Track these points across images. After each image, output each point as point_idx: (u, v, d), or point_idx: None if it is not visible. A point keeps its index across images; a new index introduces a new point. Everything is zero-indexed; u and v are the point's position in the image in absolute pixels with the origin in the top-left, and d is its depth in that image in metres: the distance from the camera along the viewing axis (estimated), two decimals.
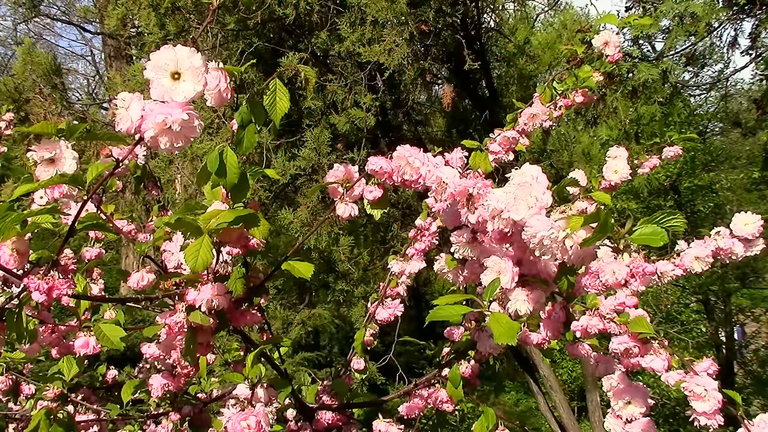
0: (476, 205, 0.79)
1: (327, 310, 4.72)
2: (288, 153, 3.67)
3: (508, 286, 0.80)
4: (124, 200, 3.96)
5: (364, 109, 3.44)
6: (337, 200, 0.99)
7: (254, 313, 1.05)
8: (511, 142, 1.42)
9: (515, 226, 0.73)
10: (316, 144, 3.49)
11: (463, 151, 0.97)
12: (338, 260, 3.84)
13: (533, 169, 0.72)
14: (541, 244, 0.69)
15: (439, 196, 0.83)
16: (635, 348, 0.91)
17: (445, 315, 0.77)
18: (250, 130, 0.83)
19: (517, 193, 0.70)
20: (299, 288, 4.91)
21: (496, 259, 0.82)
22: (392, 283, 1.54)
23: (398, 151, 0.86)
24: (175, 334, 0.92)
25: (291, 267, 0.97)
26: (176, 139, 0.68)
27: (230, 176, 0.82)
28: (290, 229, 3.47)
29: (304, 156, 3.49)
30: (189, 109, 0.68)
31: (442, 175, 0.82)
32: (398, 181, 0.87)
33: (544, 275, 0.82)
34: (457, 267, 0.95)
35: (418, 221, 1.49)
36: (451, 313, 0.76)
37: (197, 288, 0.91)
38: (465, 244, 0.90)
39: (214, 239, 0.89)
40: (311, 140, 3.50)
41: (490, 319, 0.73)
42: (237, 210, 0.89)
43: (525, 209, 0.70)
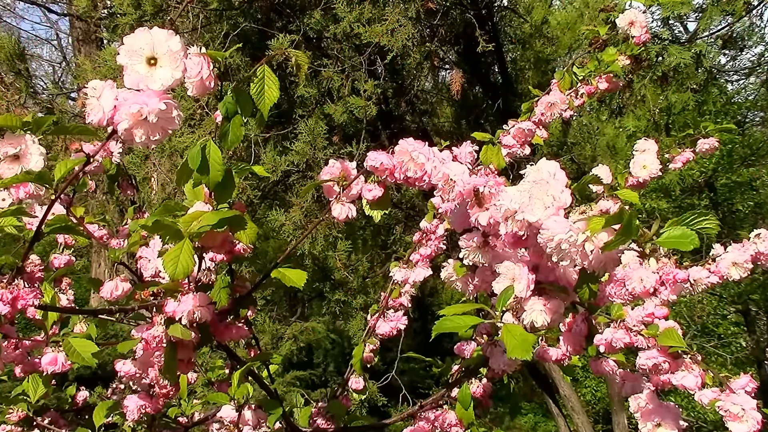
0: (487, 206, 0.80)
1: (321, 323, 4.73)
2: (278, 147, 3.68)
3: (524, 294, 0.80)
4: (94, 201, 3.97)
5: (364, 98, 3.44)
6: (332, 200, 0.99)
7: (241, 327, 1.06)
8: (526, 134, 1.43)
9: (531, 229, 0.73)
10: (309, 137, 3.50)
11: (473, 144, 0.98)
12: (334, 267, 3.85)
13: (550, 164, 0.72)
14: (559, 248, 0.69)
15: (447, 196, 0.83)
16: (665, 363, 0.91)
17: (453, 326, 0.77)
18: (236, 122, 0.83)
19: (533, 192, 0.71)
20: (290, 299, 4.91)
21: (510, 265, 0.82)
22: (395, 292, 1.54)
23: (401, 145, 0.86)
24: (152, 349, 0.92)
25: (282, 275, 0.97)
26: (153, 131, 0.68)
27: (214, 174, 0.83)
28: (281, 232, 3.48)
29: (296, 150, 3.50)
30: (167, 98, 0.68)
31: (449, 172, 0.82)
32: (401, 178, 0.88)
33: (563, 283, 0.83)
34: (466, 274, 0.96)
35: (423, 224, 1.50)
36: (460, 324, 0.77)
37: (177, 298, 0.91)
38: (475, 248, 0.90)
39: (195, 244, 0.89)
40: (304, 133, 3.51)
41: (503, 331, 0.73)
42: (221, 211, 0.89)
43: (541, 210, 0.70)
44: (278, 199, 3.95)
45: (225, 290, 1.08)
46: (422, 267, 1.51)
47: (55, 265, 1.27)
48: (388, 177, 0.90)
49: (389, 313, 1.52)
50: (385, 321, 1.50)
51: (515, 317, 0.85)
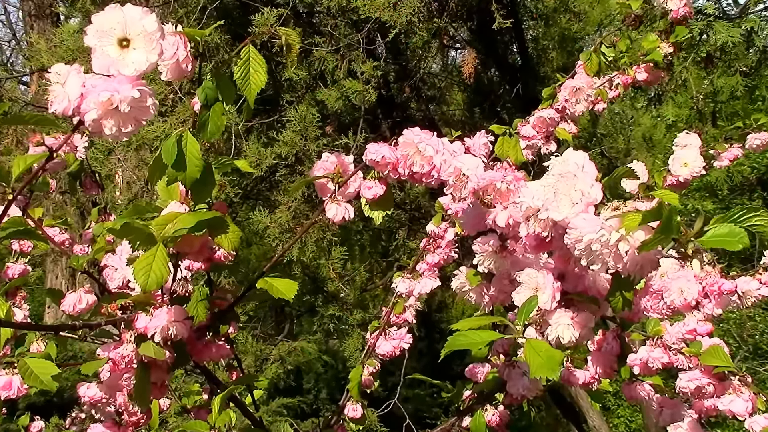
0: (506, 204, 0.81)
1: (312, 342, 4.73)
2: (263, 138, 3.70)
3: (548, 306, 0.81)
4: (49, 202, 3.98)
5: (361, 82, 3.46)
6: (326, 199, 1.01)
7: (221, 345, 1.07)
8: (548, 123, 1.44)
9: (556, 229, 0.74)
10: (299, 126, 3.51)
11: (488, 135, 0.99)
12: (327, 278, 3.86)
13: (578, 155, 0.73)
14: (589, 250, 0.70)
15: (458, 194, 0.84)
16: (710, 386, 0.92)
17: (467, 342, 0.78)
18: (217, 110, 0.84)
19: (558, 187, 0.72)
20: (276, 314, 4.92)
21: (532, 273, 0.83)
22: (398, 307, 1.55)
23: (405, 136, 0.87)
24: (121, 371, 0.93)
25: (269, 285, 0.98)
26: (125, 122, 0.69)
27: (191, 169, 0.84)
28: (265, 236, 3.50)
29: (283, 142, 3.51)
30: (141, 84, 0.69)
31: (461, 166, 0.83)
32: (405, 174, 0.89)
33: (593, 292, 0.84)
34: (481, 284, 0.97)
35: (430, 227, 1.51)
36: (475, 339, 0.77)
37: (149, 312, 0.92)
38: (491, 253, 0.91)
39: (170, 250, 0.90)
40: (293, 121, 3.52)
41: (526, 348, 0.74)
42: (199, 213, 0.90)
43: (568, 206, 0.71)
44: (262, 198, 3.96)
45: (203, 303, 1.09)
46: (429, 277, 1.52)
47: (9, 275, 1.28)
48: (391, 173, 0.91)
49: (391, 330, 1.53)
50: (386, 339, 1.51)
51: (538, 332, 0.86)
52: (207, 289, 1.12)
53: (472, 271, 0.98)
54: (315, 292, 4.07)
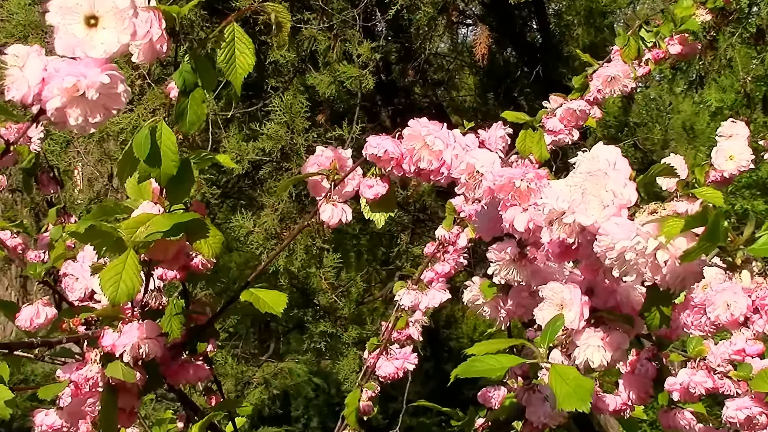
0: (526, 206, 0.81)
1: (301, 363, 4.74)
2: (244, 130, 3.70)
3: (575, 325, 0.82)
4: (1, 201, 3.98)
5: (358, 65, 3.47)
6: (320, 200, 1.01)
7: (199, 366, 1.07)
8: (578, 116, 1.44)
9: (583, 235, 0.75)
10: (286, 116, 3.52)
11: (505, 127, 0.99)
12: (319, 289, 3.87)
13: (609, 151, 0.74)
14: (622, 260, 0.70)
15: (471, 194, 0.85)
16: (762, 416, 0.92)
17: (486, 369, 0.78)
18: (196, 97, 0.85)
19: (587, 187, 0.72)
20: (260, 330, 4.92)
21: (557, 287, 0.83)
22: (400, 322, 1.56)
23: (411, 127, 0.88)
24: (85, 395, 0.94)
25: (254, 297, 0.99)
26: (92, 111, 0.70)
27: (167, 165, 0.84)
28: (248, 242, 3.50)
29: (268, 134, 3.52)
30: (111, 68, 0.70)
31: (475, 162, 0.84)
32: (411, 171, 0.90)
33: (626, 309, 0.84)
34: (496, 296, 0.97)
35: (438, 231, 1.51)
36: (492, 366, 0.78)
37: (118, 328, 0.93)
38: (509, 262, 0.92)
39: (142, 257, 0.91)
40: (279, 110, 3.53)
41: (551, 375, 0.74)
42: (176, 214, 0.91)
43: (597, 209, 0.71)
44: (244, 198, 3.97)
45: (178, 318, 1.10)
46: (437, 288, 1.53)
47: None
48: (394, 169, 0.91)
49: (393, 349, 1.54)
50: (387, 359, 1.51)
51: (564, 355, 0.87)
52: (182, 302, 1.12)
53: (486, 282, 0.98)
54: (304, 306, 4.08)
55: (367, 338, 1.65)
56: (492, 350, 0.80)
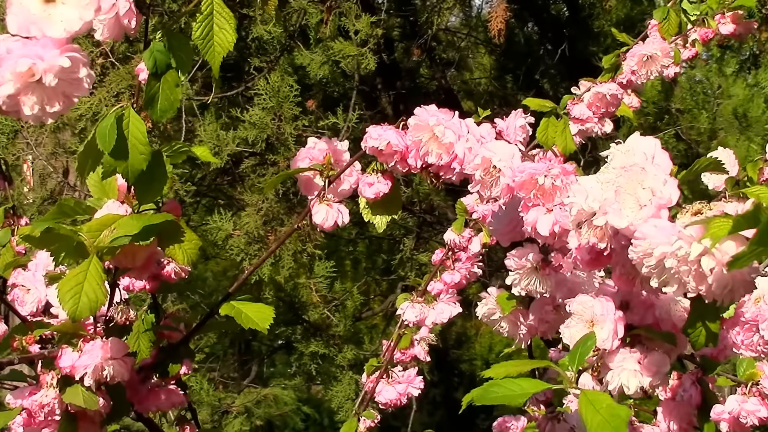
0: (550, 206, 0.82)
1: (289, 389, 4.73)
2: (223, 117, 3.71)
3: (608, 345, 0.82)
4: None
5: (355, 42, 3.47)
6: (313, 199, 1.01)
7: (172, 390, 1.08)
8: (609, 102, 1.45)
9: (617, 239, 0.75)
10: (271, 102, 3.53)
11: (526, 115, 1.00)
12: (309, 303, 3.87)
13: (646, 142, 0.74)
14: (662, 267, 0.70)
15: (487, 192, 0.85)
16: None
17: (503, 396, 0.78)
18: (169, 80, 0.85)
19: (621, 184, 0.72)
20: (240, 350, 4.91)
21: (587, 300, 0.84)
22: (404, 340, 1.56)
23: (418, 116, 0.88)
24: (39, 425, 0.93)
25: (236, 311, 0.99)
26: (50, 99, 0.70)
27: (135, 158, 0.85)
28: (227, 248, 3.50)
29: (250, 122, 3.52)
30: (72, 50, 0.70)
31: (491, 156, 0.84)
32: (418, 166, 0.90)
33: (666, 326, 0.84)
34: (516, 310, 0.98)
35: (448, 235, 1.52)
36: (513, 391, 0.77)
37: (78, 347, 0.93)
38: (530, 271, 0.92)
39: (107, 264, 0.91)
40: (264, 95, 3.53)
41: (581, 402, 0.74)
42: (146, 215, 0.91)
43: (633, 209, 0.71)
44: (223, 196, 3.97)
45: (148, 335, 1.10)
46: (446, 301, 1.53)
47: None
48: (399, 164, 0.92)
49: (395, 371, 1.54)
50: (389, 383, 1.52)
51: (596, 379, 0.87)
52: (152, 317, 1.12)
53: (504, 294, 0.99)
54: (292, 322, 4.08)
55: (365, 360, 1.65)
56: (512, 373, 0.80)
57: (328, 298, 3.95)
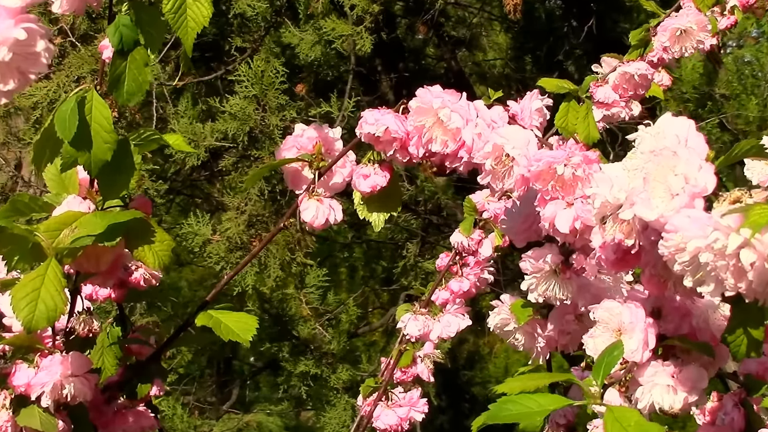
0: (571, 199, 0.82)
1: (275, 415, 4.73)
2: (200, 105, 3.71)
3: (638, 357, 0.82)
4: None
5: (351, 19, 3.47)
6: (301, 194, 1.02)
7: (141, 412, 1.08)
8: (637, 84, 1.45)
9: (646, 235, 0.75)
10: (254, 88, 3.53)
11: (543, 97, 1.00)
12: (298, 316, 3.86)
13: (678, 124, 0.74)
14: (696, 263, 0.70)
15: (499, 184, 0.86)
16: None
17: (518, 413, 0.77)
18: (137, 59, 0.86)
19: (650, 170, 0.72)
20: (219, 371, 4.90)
21: (614, 306, 0.84)
22: (405, 358, 1.56)
23: (420, 98, 0.89)
24: None
25: (214, 322, 0.99)
26: (4, 76, 0.70)
27: (99, 148, 0.85)
28: (204, 254, 3.50)
29: (231, 111, 3.53)
30: (28, 20, 0.71)
31: (504, 143, 0.85)
32: (420, 155, 0.90)
33: (704, 335, 0.84)
34: (533, 320, 0.98)
35: (455, 237, 1.52)
36: (530, 408, 0.77)
37: (34, 363, 0.93)
38: (549, 274, 0.92)
39: (67, 269, 0.91)
40: (246, 80, 3.54)
41: (606, 420, 0.74)
42: (111, 213, 0.92)
43: (664, 199, 0.71)
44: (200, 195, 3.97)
45: (113, 350, 1.10)
46: (454, 313, 1.53)
47: None
48: (399, 153, 0.92)
49: (396, 393, 1.54)
50: (388, 407, 1.52)
51: (623, 396, 0.87)
52: (119, 329, 1.13)
53: (519, 302, 0.99)
54: (279, 338, 4.07)
55: (362, 381, 1.65)
56: (529, 388, 0.80)
57: (320, 311, 3.95)
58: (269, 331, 4.00)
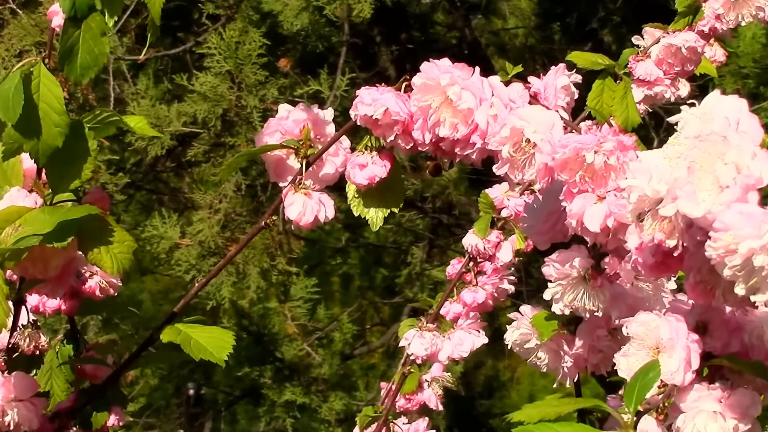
0: (603, 192, 0.83)
1: None
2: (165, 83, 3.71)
3: (679, 379, 0.82)
4: None
5: None
6: (287, 186, 1.02)
7: None
8: (684, 58, 1.45)
9: (690, 234, 0.74)
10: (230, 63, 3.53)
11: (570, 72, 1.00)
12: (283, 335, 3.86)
13: (728, 104, 0.74)
14: (750, 268, 0.69)
15: (518, 174, 0.86)
16: None
17: None
18: (93, 27, 0.87)
19: (695, 158, 0.71)
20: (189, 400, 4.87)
21: (650, 320, 0.84)
22: (410, 382, 1.56)
23: (426, 73, 0.89)
24: None
25: (183, 338, 1.00)
26: None
27: (49, 132, 0.86)
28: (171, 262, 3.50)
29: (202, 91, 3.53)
30: None
31: (524, 126, 0.85)
32: (426, 141, 0.91)
33: (758, 354, 0.85)
34: (558, 335, 0.99)
35: (468, 239, 1.52)
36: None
37: None
38: (577, 281, 0.93)
39: (9, 274, 0.92)
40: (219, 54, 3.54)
41: None
42: (61, 208, 0.93)
43: (712, 192, 0.70)
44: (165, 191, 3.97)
45: (64, 371, 1.11)
46: (467, 329, 1.53)
47: None
48: (400, 139, 0.93)
49: (398, 424, 1.54)
50: None
51: (661, 424, 0.88)
52: (70, 347, 1.14)
53: (542, 314, 1.00)
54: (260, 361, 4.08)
55: (358, 411, 1.65)
56: (549, 415, 0.80)
57: (308, 328, 3.96)
58: (249, 352, 4.00)
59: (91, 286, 1.14)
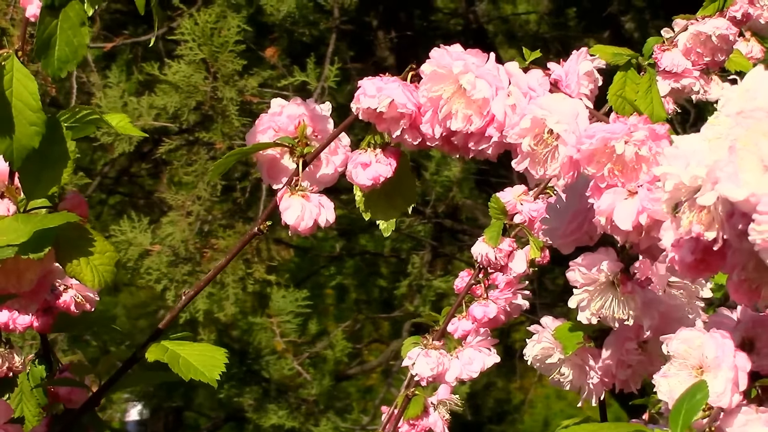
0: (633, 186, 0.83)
1: None
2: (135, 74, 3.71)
3: (725, 401, 0.82)
4: None
5: None
6: (281, 189, 1.03)
7: None
8: (715, 47, 1.44)
9: (732, 224, 0.72)
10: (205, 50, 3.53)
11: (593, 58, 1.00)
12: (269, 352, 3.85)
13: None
14: None
15: (539, 169, 0.87)
16: None
17: None
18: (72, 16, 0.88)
19: (737, 136, 0.68)
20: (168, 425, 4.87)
21: (693, 337, 0.83)
22: (414, 405, 1.56)
23: (436, 60, 0.90)
24: None
25: (170, 355, 1.01)
26: None
27: (23, 132, 0.87)
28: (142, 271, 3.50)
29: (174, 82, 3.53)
30: None
31: (546, 116, 0.86)
32: (436, 136, 0.91)
33: None
34: (583, 349, 1.00)
35: (477, 248, 1.52)
36: None
37: None
38: (604, 287, 0.93)
39: None
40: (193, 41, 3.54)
41: None
42: (37, 216, 0.93)
43: (755, 173, 0.67)
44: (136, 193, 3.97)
45: (36, 395, 1.12)
46: (476, 347, 1.54)
47: None
48: (408, 134, 0.93)
49: None
50: None
51: None
52: (42, 368, 1.15)
53: (566, 325, 1.00)
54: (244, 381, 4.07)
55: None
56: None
57: (298, 344, 3.95)
58: (231, 372, 3.99)
59: (66, 300, 1.14)
